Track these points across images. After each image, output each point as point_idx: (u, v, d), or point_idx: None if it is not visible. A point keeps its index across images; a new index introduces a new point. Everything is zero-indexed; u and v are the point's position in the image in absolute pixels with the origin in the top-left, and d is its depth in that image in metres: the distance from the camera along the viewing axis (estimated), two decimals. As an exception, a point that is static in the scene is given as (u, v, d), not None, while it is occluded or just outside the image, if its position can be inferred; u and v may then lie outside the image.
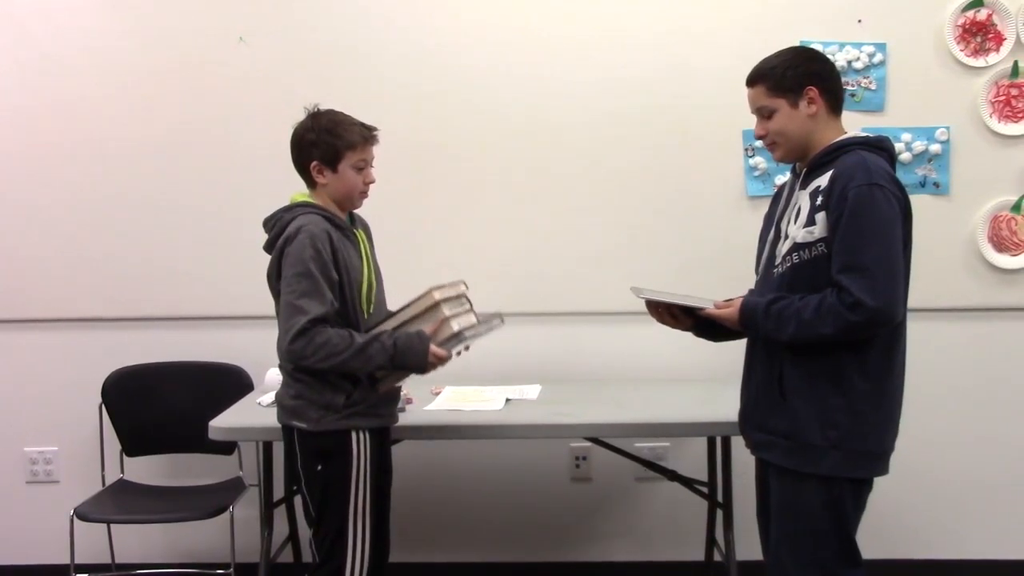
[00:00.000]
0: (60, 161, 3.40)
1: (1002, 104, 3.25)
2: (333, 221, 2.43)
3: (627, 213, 3.35)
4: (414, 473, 3.41)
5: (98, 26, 3.36)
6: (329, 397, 2.39)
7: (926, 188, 3.26)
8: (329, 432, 2.40)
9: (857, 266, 2.06)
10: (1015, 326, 3.32)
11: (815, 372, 2.16)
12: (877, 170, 2.10)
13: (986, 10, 3.22)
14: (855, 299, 2.04)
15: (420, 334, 2.41)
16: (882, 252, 2.06)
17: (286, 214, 2.44)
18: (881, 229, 2.07)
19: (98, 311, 3.43)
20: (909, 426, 2.25)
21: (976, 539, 3.40)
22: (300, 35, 3.33)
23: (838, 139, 2.20)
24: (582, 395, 3.07)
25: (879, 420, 2.17)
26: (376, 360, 2.36)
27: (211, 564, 3.38)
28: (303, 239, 2.34)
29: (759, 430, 2.30)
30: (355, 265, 2.45)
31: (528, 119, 3.33)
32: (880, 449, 2.19)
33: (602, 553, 3.48)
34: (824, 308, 2.08)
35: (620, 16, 3.29)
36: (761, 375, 2.27)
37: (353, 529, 2.41)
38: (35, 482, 3.52)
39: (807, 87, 2.19)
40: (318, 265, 2.33)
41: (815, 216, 2.14)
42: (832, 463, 2.15)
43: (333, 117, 2.46)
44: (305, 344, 2.31)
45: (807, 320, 2.10)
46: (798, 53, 2.28)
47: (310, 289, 2.32)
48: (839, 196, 2.09)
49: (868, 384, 2.14)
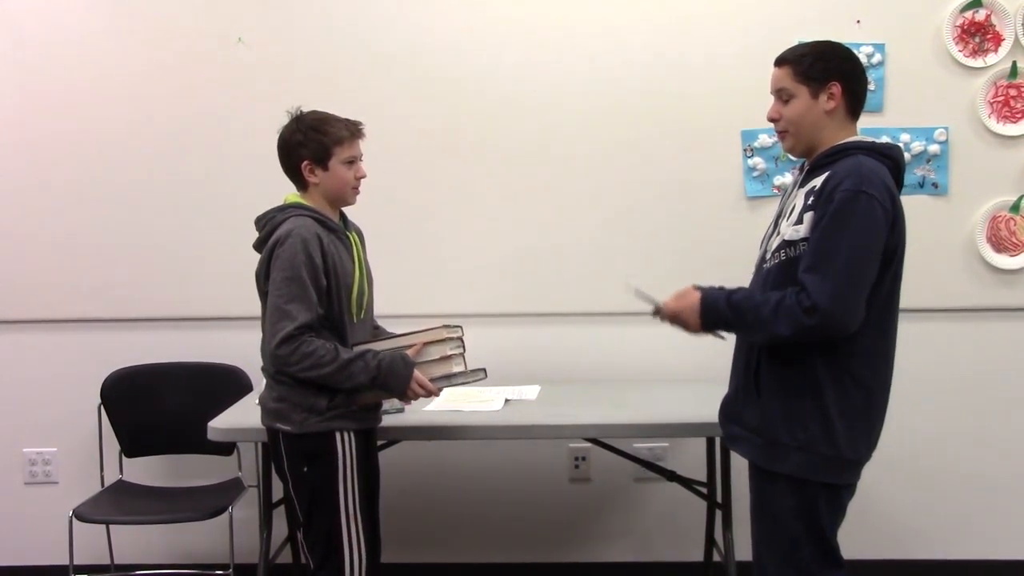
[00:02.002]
0: (58, 161, 3.40)
1: (1001, 104, 3.25)
2: (326, 223, 2.43)
3: (626, 213, 3.35)
4: (413, 473, 3.41)
5: (96, 27, 3.36)
6: (312, 399, 2.38)
7: (925, 188, 3.26)
8: (313, 434, 2.39)
9: (822, 269, 2.05)
10: (1014, 326, 3.32)
11: (791, 371, 2.15)
12: (870, 177, 2.07)
13: (984, 10, 3.22)
14: (812, 303, 2.03)
15: (405, 358, 2.41)
16: (850, 260, 2.04)
17: (279, 214, 2.43)
18: (855, 237, 2.04)
19: (97, 312, 3.43)
20: (907, 425, 2.26)
21: (976, 539, 3.40)
22: (299, 35, 3.33)
23: (843, 141, 2.19)
24: (581, 395, 3.07)
25: (853, 426, 2.14)
26: (358, 378, 2.36)
27: (210, 565, 3.38)
28: (295, 243, 2.33)
29: (733, 423, 2.31)
30: (346, 269, 2.44)
31: (527, 120, 3.33)
32: (852, 456, 2.16)
33: (601, 553, 3.48)
34: (782, 307, 2.07)
35: (619, 16, 3.30)
36: (741, 369, 2.28)
37: (348, 531, 2.41)
38: (34, 483, 3.52)
39: (832, 82, 2.17)
40: (308, 271, 2.33)
41: (803, 215, 2.13)
42: (797, 464, 2.14)
43: (317, 115, 2.46)
44: (291, 351, 2.31)
45: (765, 317, 2.10)
46: (832, 47, 2.24)
47: (299, 294, 2.32)
48: (826, 199, 2.08)
49: (842, 390, 2.13)
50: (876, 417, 2.20)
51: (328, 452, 2.40)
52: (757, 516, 2.26)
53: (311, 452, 2.40)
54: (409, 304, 3.21)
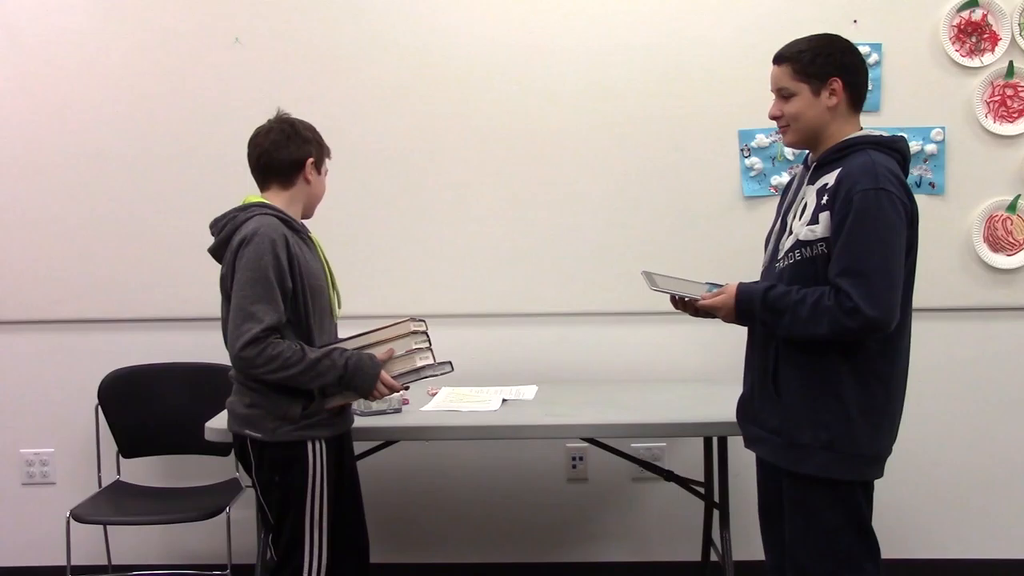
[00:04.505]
0: (55, 162, 3.40)
1: (997, 104, 3.25)
2: (291, 224, 2.40)
3: (623, 214, 3.35)
4: (410, 473, 3.41)
5: (93, 28, 3.36)
6: (285, 407, 2.34)
7: (922, 188, 3.26)
8: (284, 443, 2.36)
9: (858, 271, 2.04)
10: (1011, 326, 3.32)
11: (809, 371, 2.15)
12: (884, 174, 2.07)
13: (981, 10, 3.22)
14: (854, 305, 2.03)
15: (372, 358, 2.38)
16: (883, 260, 2.05)
17: (241, 214, 2.39)
18: (884, 236, 2.05)
19: (94, 312, 3.43)
20: (905, 425, 2.25)
21: (976, 538, 3.40)
22: (297, 37, 3.33)
23: (850, 136, 2.18)
24: (578, 395, 3.07)
25: (873, 423, 2.15)
26: (326, 377, 2.33)
27: (208, 565, 3.38)
28: (262, 242, 2.29)
29: (753, 424, 2.30)
30: (312, 270, 2.40)
31: (525, 121, 3.33)
32: (872, 452, 2.17)
33: (598, 553, 3.48)
34: (821, 308, 2.07)
35: (616, 16, 3.30)
36: (758, 369, 2.27)
37: (310, 536, 2.39)
38: (31, 484, 3.52)
39: (832, 77, 2.17)
40: (275, 272, 2.28)
41: (819, 215, 2.12)
42: (821, 464, 2.14)
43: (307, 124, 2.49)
44: (257, 353, 2.26)
45: (803, 317, 2.09)
46: (831, 41, 2.22)
47: (265, 296, 2.27)
48: (844, 199, 2.07)
49: (863, 387, 2.13)
50: (896, 410, 2.21)
51: (299, 460, 2.36)
52: (793, 516, 2.23)
53: (282, 461, 2.37)
54: (404, 304, 3.21)
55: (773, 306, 2.15)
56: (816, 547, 2.19)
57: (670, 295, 2.37)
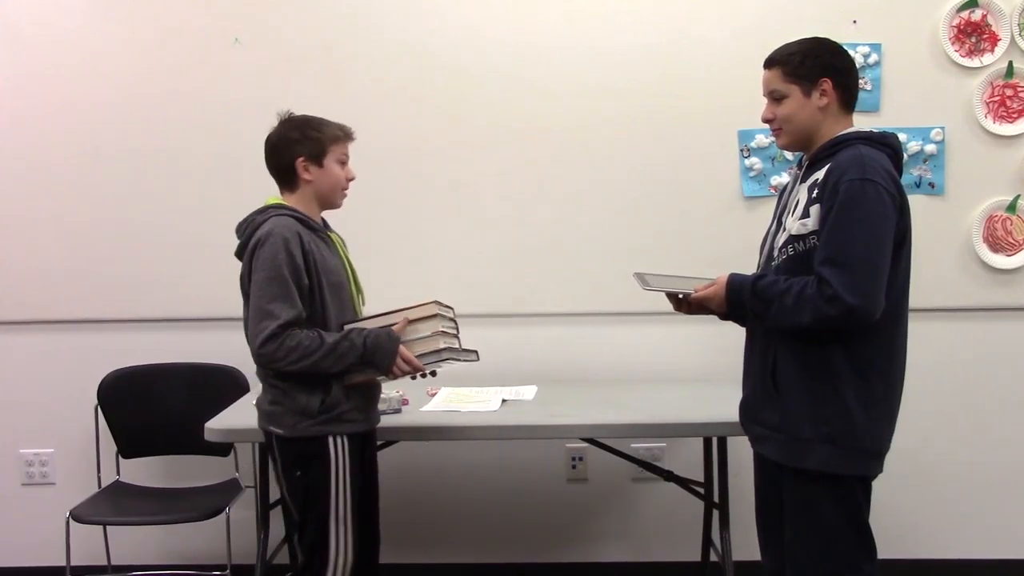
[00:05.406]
0: (55, 162, 3.40)
1: (997, 104, 3.25)
2: (306, 223, 2.42)
3: (623, 214, 3.35)
4: (410, 474, 3.41)
5: (93, 28, 3.36)
6: (304, 402, 2.37)
7: (921, 188, 3.26)
8: (305, 438, 2.38)
9: (840, 260, 2.05)
10: (1011, 326, 3.33)
11: (808, 366, 2.16)
12: (872, 165, 2.08)
13: (981, 11, 3.22)
14: (834, 292, 2.03)
15: (390, 334, 2.40)
16: (866, 248, 2.05)
17: (258, 216, 2.43)
18: (868, 225, 2.05)
19: (94, 313, 3.43)
20: (905, 425, 2.25)
21: (975, 539, 3.40)
22: (296, 37, 3.34)
23: (840, 133, 2.20)
24: (578, 396, 3.07)
25: (873, 418, 2.15)
26: (348, 358, 2.35)
27: (207, 566, 3.37)
28: (276, 242, 2.32)
29: (755, 423, 2.30)
30: (330, 266, 2.43)
31: (526, 121, 3.33)
32: (874, 448, 2.17)
33: (598, 554, 3.48)
34: (804, 297, 2.08)
35: (616, 16, 3.30)
36: (757, 367, 2.27)
37: (335, 534, 2.41)
38: (31, 484, 3.52)
39: (822, 78, 2.18)
40: (290, 269, 2.32)
41: (809, 209, 2.13)
42: (822, 459, 2.14)
43: (308, 117, 2.49)
44: (276, 348, 2.30)
45: (788, 306, 2.10)
46: (819, 43, 2.24)
47: (281, 293, 2.31)
48: (831, 189, 2.08)
49: (863, 381, 2.13)
50: (895, 405, 2.21)
51: (320, 457, 2.39)
52: (793, 515, 2.23)
53: (304, 456, 2.40)
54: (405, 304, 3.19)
55: (761, 295, 2.16)
56: (817, 547, 2.19)
57: (667, 295, 2.37)
